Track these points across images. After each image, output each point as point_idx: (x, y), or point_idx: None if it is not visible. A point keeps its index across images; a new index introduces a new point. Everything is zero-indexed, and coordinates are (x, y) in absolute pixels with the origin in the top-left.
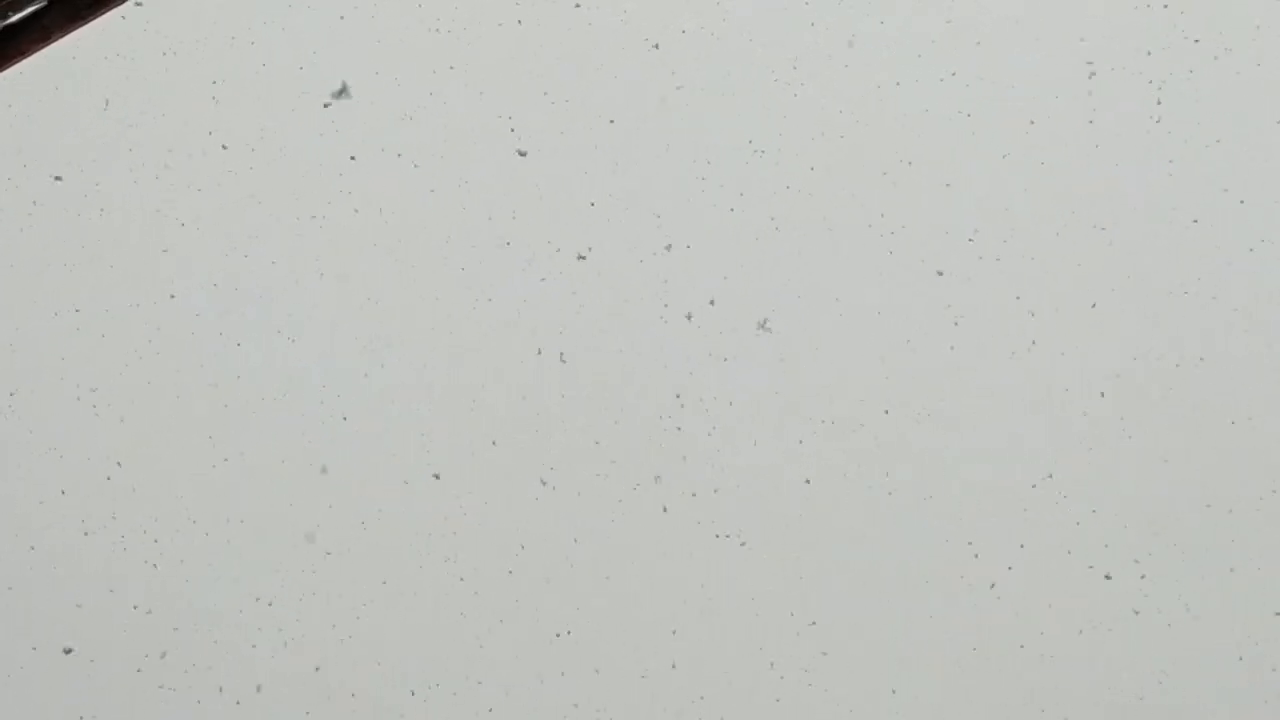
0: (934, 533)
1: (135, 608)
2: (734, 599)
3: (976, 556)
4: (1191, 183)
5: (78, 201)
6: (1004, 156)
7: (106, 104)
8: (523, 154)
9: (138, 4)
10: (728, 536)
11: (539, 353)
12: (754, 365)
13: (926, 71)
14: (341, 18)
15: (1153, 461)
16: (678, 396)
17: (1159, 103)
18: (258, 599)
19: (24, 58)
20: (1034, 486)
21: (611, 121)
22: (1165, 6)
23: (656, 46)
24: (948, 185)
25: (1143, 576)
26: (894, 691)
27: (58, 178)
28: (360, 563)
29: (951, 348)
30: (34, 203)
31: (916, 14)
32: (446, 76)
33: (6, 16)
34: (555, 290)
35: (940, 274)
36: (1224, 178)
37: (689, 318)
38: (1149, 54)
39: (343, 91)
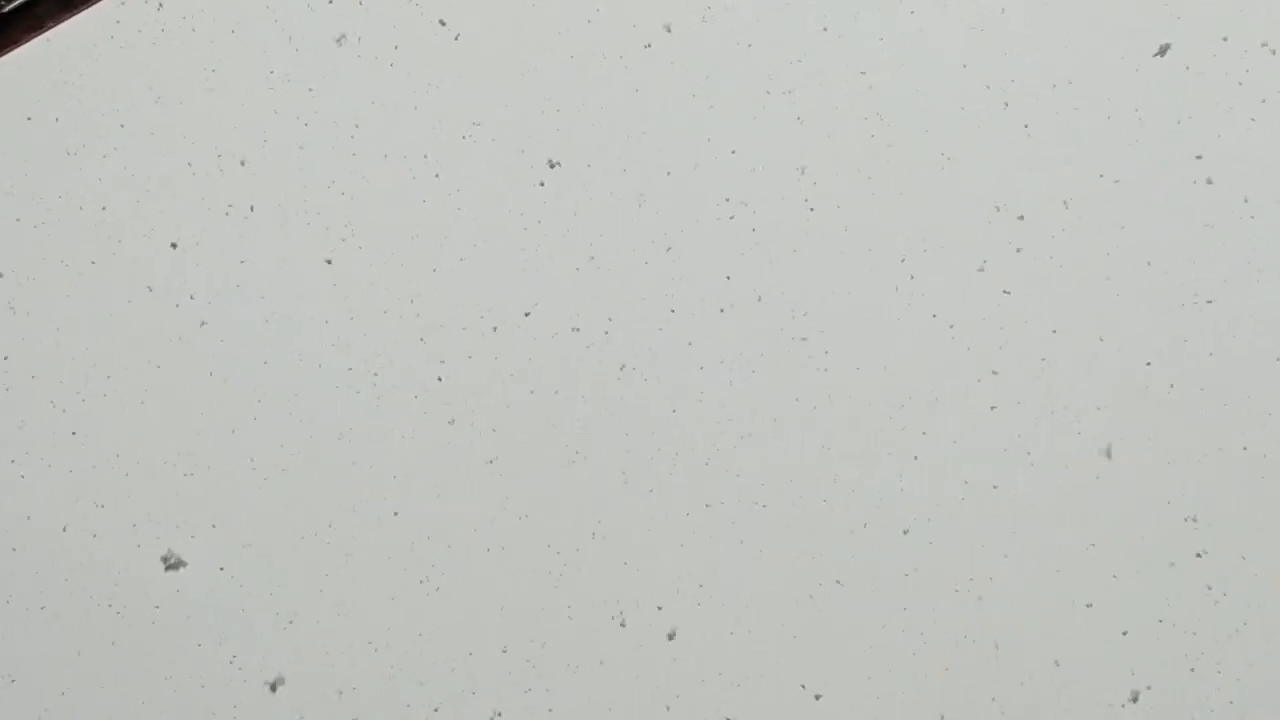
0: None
1: (134, 609)
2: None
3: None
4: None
5: (74, 196)
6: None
7: (102, 93)
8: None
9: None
10: (742, 542)
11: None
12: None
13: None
14: (359, 5)
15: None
16: (675, 408)
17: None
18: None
19: (17, 46)
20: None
21: (602, 107)
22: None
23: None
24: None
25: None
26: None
27: (52, 170)
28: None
29: (964, 364)
30: (31, 198)
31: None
32: (441, 89)
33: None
34: (555, 301)
35: (950, 313)
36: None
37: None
38: (1188, 69)
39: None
